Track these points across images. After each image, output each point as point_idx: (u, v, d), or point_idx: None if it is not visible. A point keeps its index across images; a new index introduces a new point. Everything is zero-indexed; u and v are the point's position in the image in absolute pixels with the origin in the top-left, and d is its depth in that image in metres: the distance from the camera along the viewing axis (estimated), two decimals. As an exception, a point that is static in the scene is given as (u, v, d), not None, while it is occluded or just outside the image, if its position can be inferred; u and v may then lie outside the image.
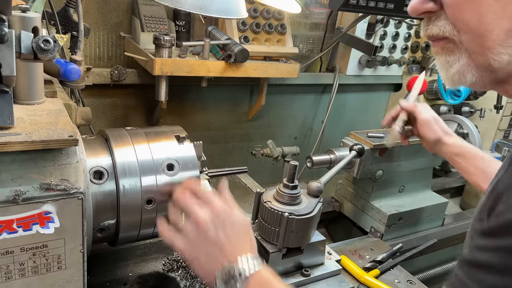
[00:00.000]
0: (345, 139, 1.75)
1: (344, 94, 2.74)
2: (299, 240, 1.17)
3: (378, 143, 1.68)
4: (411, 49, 2.79)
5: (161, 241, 1.50)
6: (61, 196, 0.88)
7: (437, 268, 2.06)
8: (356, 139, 1.73)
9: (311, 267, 1.23)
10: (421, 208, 1.87)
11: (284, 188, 1.18)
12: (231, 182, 1.75)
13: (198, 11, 1.21)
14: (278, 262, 1.16)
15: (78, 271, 0.96)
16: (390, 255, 1.55)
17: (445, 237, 1.95)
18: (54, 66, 1.09)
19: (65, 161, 0.90)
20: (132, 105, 2.11)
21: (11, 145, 0.82)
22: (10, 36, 0.78)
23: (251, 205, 1.28)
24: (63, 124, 0.93)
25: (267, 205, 1.15)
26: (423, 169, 1.93)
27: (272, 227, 1.14)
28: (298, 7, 1.76)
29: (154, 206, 1.15)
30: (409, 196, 1.92)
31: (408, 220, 1.83)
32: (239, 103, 2.42)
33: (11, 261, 0.87)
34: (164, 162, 1.15)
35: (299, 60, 2.27)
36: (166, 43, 1.73)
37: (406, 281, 1.44)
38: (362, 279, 1.39)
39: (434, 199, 1.95)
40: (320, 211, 1.20)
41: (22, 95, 0.99)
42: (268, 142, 2.16)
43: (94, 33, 1.91)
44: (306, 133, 2.76)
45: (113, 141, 1.15)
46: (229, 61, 1.87)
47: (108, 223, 1.13)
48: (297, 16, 2.40)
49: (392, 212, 1.76)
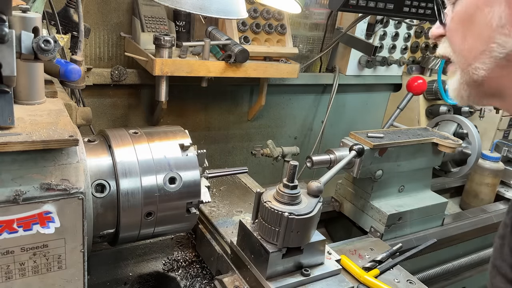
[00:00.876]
0: (345, 139, 1.75)
1: (344, 94, 2.74)
2: (299, 240, 1.16)
3: (378, 143, 1.69)
4: (411, 49, 2.79)
5: (161, 240, 1.50)
6: (61, 196, 0.88)
7: (437, 268, 2.07)
8: (356, 139, 1.72)
9: (311, 266, 1.22)
10: (421, 208, 1.86)
11: (284, 188, 1.17)
12: (231, 182, 1.76)
13: (198, 12, 1.21)
14: (278, 261, 1.16)
15: (79, 271, 0.96)
16: (389, 255, 1.55)
17: (445, 237, 1.95)
18: (55, 66, 1.09)
19: (65, 161, 0.90)
20: (132, 105, 2.11)
21: (11, 145, 0.82)
22: (10, 36, 0.78)
23: (251, 205, 1.28)
24: (63, 124, 0.93)
25: (267, 205, 1.15)
26: (423, 169, 1.92)
27: (272, 227, 1.14)
28: (298, 8, 1.76)
29: (153, 218, 1.16)
30: (409, 196, 1.90)
31: (407, 220, 1.82)
32: (239, 103, 2.42)
33: (11, 261, 0.87)
34: (167, 176, 1.16)
35: (299, 60, 2.27)
36: (166, 43, 1.73)
37: (405, 281, 1.43)
38: (362, 278, 1.39)
39: (434, 199, 1.94)
40: (320, 211, 1.20)
41: (22, 95, 0.99)
42: (268, 142, 2.16)
43: (94, 33, 1.91)
44: (306, 133, 2.76)
45: (114, 143, 1.15)
46: (229, 61, 1.87)
47: (107, 232, 1.14)
48: (297, 17, 2.40)
49: (391, 212, 1.75)
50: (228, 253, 1.33)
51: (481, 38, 0.79)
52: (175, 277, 1.43)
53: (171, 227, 1.26)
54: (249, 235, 1.21)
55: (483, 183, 2.40)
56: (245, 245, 1.24)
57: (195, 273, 1.44)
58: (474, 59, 0.81)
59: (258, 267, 1.18)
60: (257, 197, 1.21)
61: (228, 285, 1.22)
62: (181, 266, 1.47)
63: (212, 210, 1.52)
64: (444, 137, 1.85)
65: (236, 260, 1.28)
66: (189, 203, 1.21)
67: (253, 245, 1.19)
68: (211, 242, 1.42)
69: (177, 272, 1.45)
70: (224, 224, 1.45)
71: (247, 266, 1.21)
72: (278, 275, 1.17)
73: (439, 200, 1.95)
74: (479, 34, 0.80)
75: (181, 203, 1.20)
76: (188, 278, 1.43)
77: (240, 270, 1.26)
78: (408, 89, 2.08)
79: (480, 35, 0.79)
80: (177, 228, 1.30)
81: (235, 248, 1.27)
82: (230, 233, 1.39)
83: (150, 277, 1.43)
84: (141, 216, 1.14)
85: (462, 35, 0.83)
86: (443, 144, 1.82)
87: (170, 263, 1.47)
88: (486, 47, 0.78)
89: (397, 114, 2.12)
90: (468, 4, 0.81)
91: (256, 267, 1.18)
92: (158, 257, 1.49)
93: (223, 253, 1.36)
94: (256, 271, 1.18)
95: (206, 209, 1.51)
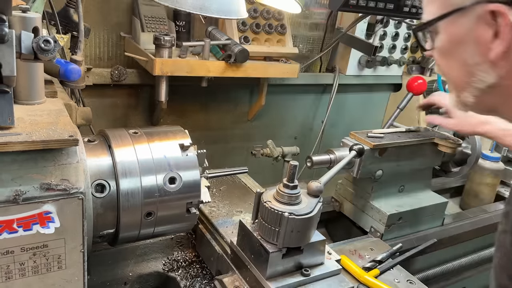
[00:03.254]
0: (345, 139, 1.74)
1: (344, 94, 2.74)
2: (299, 240, 1.16)
3: (378, 143, 1.68)
4: (411, 49, 2.79)
5: (161, 240, 1.50)
6: (61, 196, 0.88)
7: (437, 268, 2.06)
8: (356, 139, 1.70)
9: (311, 267, 1.22)
10: (421, 208, 1.85)
11: (284, 188, 1.17)
12: (231, 182, 1.76)
13: (198, 11, 1.21)
14: (278, 262, 1.16)
15: (79, 271, 0.96)
16: (390, 255, 1.55)
17: (445, 237, 1.95)
18: (55, 66, 1.09)
19: (65, 161, 0.90)
20: (132, 105, 2.11)
21: (11, 145, 0.82)
22: (10, 36, 0.78)
23: (251, 205, 1.28)
24: (63, 124, 0.93)
25: (267, 205, 1.15)
26: (423, 169, 1.90)
27: (272, 227, 1.14)
28: (298, 8, 1.76)
29: (153, 219, 1.16)
30: (409, 196, 1.89)
31: (407, 220, 1.80)
32: (239, 103, 2.42)
33: (11, 261, 0.87)
34: (167, 176, 1.16)
35: (299, 60, 2.27)
36: (166, 43, 1.73)
37: (406, 281, 1.43)
38: (362, 278, 1.39)
39: (434, 199, 1.92)
40: (320, 211, 1.20)
41: (22, 95, 0.99)
42: (268, 142, 2.16)
43: (94, 33, 1.91)
44: (306, 133, 2.76)
45: (114, 143, 1.15)
46: (229, 61, 1.87)
47: (107, 232, 1.14)
48: (297, 16, 2.40)
49: (392, 212, 1.74)
50: (228, 253, 1.33)
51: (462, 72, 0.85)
52: (175, 277, 1.43)
53: (171, 227, 1.26)
54: (249, 235, 1.21)
55: (483, 183, 2.40)
56: (245, 245, 1.24)
57: (195, 273, 1.44)
58: (462, 89, 0.87)
59: (258, 267, 1.18)
60: (257, 197, 1.21)
61: (228, 285, 1.22)
62: (181, 266, 1.47)
63: (212, 210, 1.52)
64: (444, 137, 1.84)
65: (236, 260, 1.28)
66: (189, 203, 1.21)
67: (253, 245, 1.19)
68: (211, 242, 1.41)
69: (177, 272, 1.45)
70: (224, 224, 1.44)
71: (247, 266, 1.21)
72: (278, 275, 1.17)
73: (439, 200, 1.93)
74: (460, 69, 0.85)
75: (181, 203, 1.20)
76: (188, 278, 1.43)
77: (240, 270, 1.26)
78: (408, 89, 2.07)
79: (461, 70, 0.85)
80: (177, 228, 1.30)
81: (235, 248, 1.27)
82: (230, 233, 1.39)
83: (150, 277, 1.43)
84: (141, 216, 1.14)
85: (446, 66, 0.89)
86: (443, 144, 1.81)
87: (170, 263, 1.47)
88: (468, 79, 0.84)
89: (397, 114, 2.11)
90: (445, 43, 0.85)
91: (256, 267, 1.18)
92: (158, 257, 1.48)
93: (223, 253, 1.35)
94: (256, 271, 1.18)
95: (206, 209, 1.51)
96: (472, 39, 0.78)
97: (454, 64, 0.86)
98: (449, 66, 0.88)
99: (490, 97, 0.85)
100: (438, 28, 0.84)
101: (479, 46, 0.78)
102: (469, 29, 0.78)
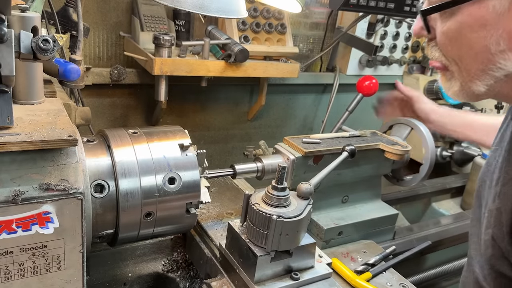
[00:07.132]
0: (278, 145, 1.56)
1: (345, 94, 2.73)
2: (288, 243, 1.13)
3: (312, 150, 1.49)
4: (412, 49, 2.79)
5: (160, 241, 1.50)
6: (60, 196, 0.87)
7: (437, 268, 2.06)
8: (289, 145, 1.53)
9: (300, 270, 1.19)
10: (366, 221, 1.65)
11: (272, 190, 1.13)
12: (222, 184, 1.73)
13: (198, 11, 1.20)
14: (267, 265, 1.12)
15: (78, 271, 0.95)
16: (382, 257, 1.51)
17: (445, 237, 1.95)
18: (54, 66, 1.09)
19: (64, 161, 0.89)
20: (131, 105, 2.10)
21: (10, 145, 0.81)
22: (9, 36, 0.78)
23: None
24: (62, 124, 0.92)
25: (255, 208, 1.11)
26: (370, 177, 1.71)
27: (261, 230, 1.10)
28: (298, 7, 1.76)
29: (153, 219, 1.16)
30: (354, 208, 1.70)
31: (349, 234, 1.61)
32: (239, 103, 2.42)
33: (10, 261, 0.87)
34: (166, 176, 1.15)
35: (299, 60, 2.26)
36: (165, 43, 1.72)
37: (398, 285, 1.40)
38: (353, 282, 1.35)
39: (382, 211, 1.72)
40: (310, 214, 1.17)
41: (21, 95, 0.99)
42: (260, 143, 2.12)
43: (93, 32, 1.90)
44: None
45: (113, 143, 1.14)
46: (229, 60, 1.86)
47: (106, 232, 1.14)
48: (297, 16, 2.39)
49: (330, 226, 1.55)
50: (217, 257, 1.30)
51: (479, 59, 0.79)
52: (175, 278, 1.42)
53: (170, 227, 1.25)
54: (237, 238, 1.18)
55: (483, 183, 2.39)
56: (233, 248, 1.21)
57: (194, 274, 1.44)
58: (474, 77, 0.81)
59: (247, 271, 1.15)
60: (245, 199, 1.18)
61: (216, 289, 1.20)
62: (180, 267, 1.46)
63: (202, 212, 1.49)
64: (392, 143, 1.65)
65: (225, 263, 1.25)
66: (189, 203, 1.21)
67: (242, 249, 1.16)
68: (200, 245, 1.39)
69: (177, 273, 1.45)
70: (213, 226, 1.42)
71: (236, 270, 1.18)
72: (267, 279, 1.14)
73: (389, 211, 1.72)
74: (476, 56, 0.79)
75: (180, 204, 1.19)
76: (188, 279, 1.42)
77: (229, 273, 1.23)
78: (358, 89, 1.92)
79: (478, 57, 0.79)
80: (177, 229, 1.30)
81: (224, 252, 1.24)
82: (220, 236, 1.36)
83: (150, 277, 1.43)
84: (141, 216, 1.13)
85: (457, 53, 0.82)
86: (389, 151, 1.61)
87: (170, 264, 1.46)
88: (485, 67, 0.79)
89: (346, 116, 1.97)
90: (462, 25, 0.78)
91: (245, 271, 1.15)
92: (158, 258, 1.48)
93: (212, 256, 1.33)
94: (245, 275, 1.15)
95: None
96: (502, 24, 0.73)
97: (468, 50, 0.80)
98: (462, 52, 0.81)
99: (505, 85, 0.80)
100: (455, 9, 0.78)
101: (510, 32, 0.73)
102: (500, 14, 0.73)
